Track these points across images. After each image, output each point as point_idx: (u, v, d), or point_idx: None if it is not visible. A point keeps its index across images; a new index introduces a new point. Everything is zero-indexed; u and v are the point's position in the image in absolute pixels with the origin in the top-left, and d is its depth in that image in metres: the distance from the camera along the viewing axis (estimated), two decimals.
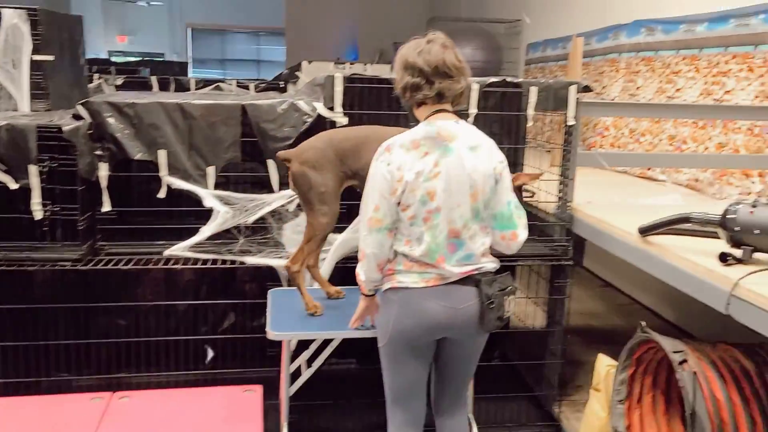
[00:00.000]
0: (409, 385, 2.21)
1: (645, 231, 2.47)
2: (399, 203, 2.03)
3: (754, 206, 2.08)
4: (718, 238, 2.20)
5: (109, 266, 2.89)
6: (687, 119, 4.11)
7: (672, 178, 4.05)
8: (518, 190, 2.42)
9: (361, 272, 2.14)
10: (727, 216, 2.12)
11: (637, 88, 4.77)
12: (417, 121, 2.13)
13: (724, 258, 2.10)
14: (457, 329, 2.10)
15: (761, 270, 2.00)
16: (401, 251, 2.08)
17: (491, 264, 2.14)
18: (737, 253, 2.10)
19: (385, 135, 2.23)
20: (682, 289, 2.25)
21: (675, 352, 2.31)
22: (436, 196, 2.01)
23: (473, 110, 3.10)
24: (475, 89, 3.08)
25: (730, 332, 2.42)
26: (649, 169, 4.29)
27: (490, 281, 2.08)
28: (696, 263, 2.16)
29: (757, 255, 2.10)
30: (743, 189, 3.51)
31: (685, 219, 2.31)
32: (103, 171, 2.91)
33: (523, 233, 2.15)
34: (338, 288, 2.80)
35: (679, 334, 4.07)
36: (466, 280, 2.08)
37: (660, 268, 2.38)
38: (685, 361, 2.27)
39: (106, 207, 2.95)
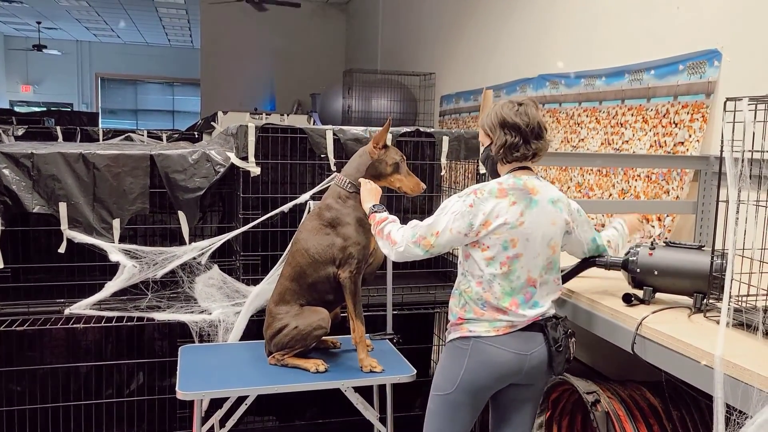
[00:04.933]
0: None
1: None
2: (476, 243, 2.08)
3: (652, 248, 2.18)
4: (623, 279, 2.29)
5: (2, 327, 2.68)
6: (591, 167, 4.34)
7: None
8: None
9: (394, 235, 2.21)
10: (629, 258, 2.21)
11: None
12: (497, 176, 2.21)
13: (627, 299, 2.17)
14: (525, 375, 2.12)
15: (662, 309, 2.08)
16: (474, 294, 2.10)
17: (553, 309, 2.20)
18: (639, 293, 2.19)
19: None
20: (591, 330, 2.31)
21: (588, 392, 2.36)
22: (519, 243, 2.07)
23: None
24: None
25: (639, 370, 2.50)
26: None
27: (555, 325, 2.13)
28: (602, 304, 2.23)
29: (658, 295, 2.19)
30: (644, 233, 3.70)
31: (591, 263, 2.39)
32: None
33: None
34: (317, 360, 2.54)
35: (593, 374, 4.17)
36: (532, 326, 2.12)
37: (569, 310, 2.44)
38: (598, 401, 2.32)
39: None
